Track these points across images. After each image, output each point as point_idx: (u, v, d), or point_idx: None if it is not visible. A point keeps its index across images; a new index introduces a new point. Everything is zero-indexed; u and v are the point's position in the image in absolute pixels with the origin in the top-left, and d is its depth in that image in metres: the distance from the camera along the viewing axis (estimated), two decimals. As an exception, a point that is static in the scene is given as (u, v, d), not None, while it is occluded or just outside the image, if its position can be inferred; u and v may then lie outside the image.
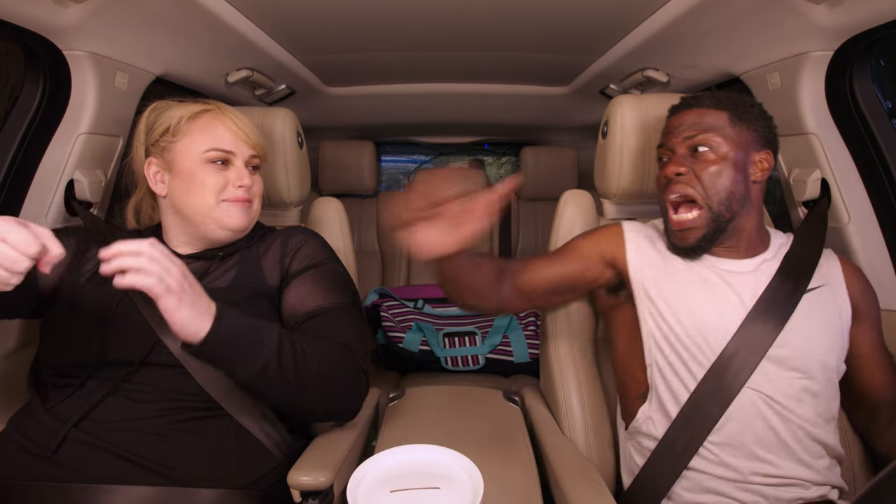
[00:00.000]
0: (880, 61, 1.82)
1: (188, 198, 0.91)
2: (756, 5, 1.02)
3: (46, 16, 0.95)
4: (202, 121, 0.93)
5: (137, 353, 0.82)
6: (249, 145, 0.95)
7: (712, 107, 0.92)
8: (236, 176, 0.93)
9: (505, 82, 1.87)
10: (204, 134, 0.92)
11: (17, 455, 0.78)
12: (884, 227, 1.06)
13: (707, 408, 0.85)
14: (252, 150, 0.96)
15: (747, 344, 0.85)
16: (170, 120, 0.92)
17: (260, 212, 1.00)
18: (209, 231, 0.93)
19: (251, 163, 0.97)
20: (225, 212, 0.92)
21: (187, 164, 0.91)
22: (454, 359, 1.76)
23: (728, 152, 0.89)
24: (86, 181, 1.10)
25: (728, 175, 0.88)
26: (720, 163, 0.88)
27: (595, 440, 1.04)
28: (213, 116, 0.94)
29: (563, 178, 2.38)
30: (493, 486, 0.83)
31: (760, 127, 0.92)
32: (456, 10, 1.19)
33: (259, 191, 0.99)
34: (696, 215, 0.89)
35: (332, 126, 2.41)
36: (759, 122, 0.92)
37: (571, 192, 1.19)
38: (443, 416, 1.12)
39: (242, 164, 0.94)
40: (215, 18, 1.10)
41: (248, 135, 0.95)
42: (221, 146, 0.92)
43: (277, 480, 0.85)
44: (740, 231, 0.92)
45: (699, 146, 0.90)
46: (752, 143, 0.91)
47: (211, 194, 0.91)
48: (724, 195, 0.88)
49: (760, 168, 0.91)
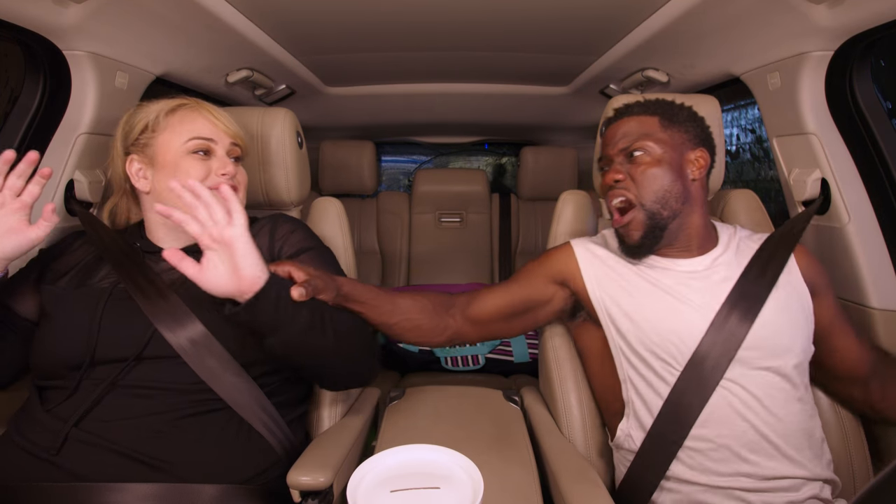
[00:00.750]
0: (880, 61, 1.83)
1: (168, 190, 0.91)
2: (756, 5, 1.02)
3: (46, 16, 0.95)
4: (180, 114, 0.93)
5: (133, 348, 0.82)
6: (229, 135, 0.95)
7: (642, 113, 0.96)
8: (219, 164, 0.93)
9: (505, 82, 1.87)
10: (183, 125, 0.92)
11: (19, 457, 0.78)
12: (884, 227, 1.06)
13: (683, 413, 0.85)
14: (232, 139, 0.96)
15: (718, 343, 0.85)
16: (147, 117, 0.93)
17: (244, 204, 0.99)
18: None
19: (233, 152, 0.96)
20: None
21: (170, 155, 0.91)
22: (454, 359, 1.76)
23: (662, 154, 0.92)
24: (85, 181, 1.10)
25: (663, 175, 0.91)
26: (655, 165, 0.91)
27: (593, 441, 1.04)
28: (190, 109, 0.94)
29: (563, 178, 2.38)
30: (493, 486, 0.83)
31: (692, 127, 0.95)
32: (456, 10, 1.19)
33: (243, 181, 0.98)
34: (631, 215, 0.92)
35: (332, 126, 2.41)
36: (689, 123, 0.95)
37: (570, 193, 1.19)
38: (443, 416, 1.12)
39: (224, 152, 0.94)
40: (215, 18, 1.10)
41: (226, 125, 0.95)
42: (202, 134, 0.92)
43: (278, 476, 0.85)
44: (687, 229, 0.94)
45: (634, 151, 0.93)
46: (686, 144, 0.94)
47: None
48: (659, 194, 0.91)
49: (697, 166, 0.94)
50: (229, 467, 0.81)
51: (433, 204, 2.44)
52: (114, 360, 0.81)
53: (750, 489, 0.82)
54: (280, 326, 0.75)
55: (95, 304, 0.85)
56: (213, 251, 0.72)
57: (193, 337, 0.82)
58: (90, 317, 0.83)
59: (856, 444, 0.99)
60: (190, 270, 0.71)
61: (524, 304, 1.01)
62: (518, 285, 1.02)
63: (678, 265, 0.94)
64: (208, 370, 0.81)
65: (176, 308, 0.84)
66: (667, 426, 0.86)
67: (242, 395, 0.83)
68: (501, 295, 1.01)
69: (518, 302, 1.00)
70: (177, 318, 0.83)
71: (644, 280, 0.93)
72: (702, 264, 0.93)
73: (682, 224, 0.93)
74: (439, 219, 2.43)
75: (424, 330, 0.97)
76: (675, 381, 0.86)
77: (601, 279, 0.97)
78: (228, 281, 0.71)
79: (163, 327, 0.82)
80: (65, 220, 1.10)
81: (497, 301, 1.00)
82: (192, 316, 0.83)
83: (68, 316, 0.85)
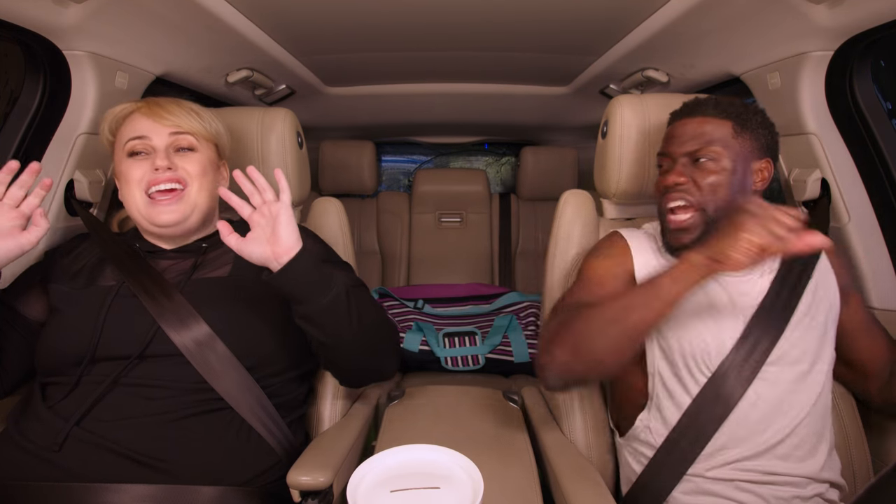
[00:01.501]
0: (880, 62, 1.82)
1: (125, 198, 0.91)
2: (756, 5, 1.02)
3: (46, 16, 0.94)
4: (127, 121, 0.92)
5: (135, 345, 0.82)
6: (168, 125, 0.90)
7: (716, 115, 0.90)
8: (150, 162, 0.89)
9: (505, 82, 1.87)
10: (126, 130, 0.92)
11: (18, 455, 0.78)
12: (884, 227, 1.06)
13: (708, 414, 0.85)
14: (172, 128, 0.91)
15: (748, 350, 0.86)
16: (108, 120, 0.93)
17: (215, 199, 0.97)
18: (147, 229, 0.93)
19: (177, 143, 0.92)
20: (153, 209, 0.89)
21: (120, 166, 0.91)
22: (454, 359, 1.76)
23: (729, 164, 0.88)
24: (85, 181, 1.10)
25: (727, 186, 0.88)
26: (721, 174, 0.88)
27: (595, 440, 1.04)
28: (139, 113, 0.92)
29: (563, 178, 2.38)
30: (493, 486, 0.83)
31: (763, 135, 0.91)
32: (456, 10, 1.19)
33: (196, 170, 0.92)
34: (691, 216, 0.89)
35: (332, 126, 2.41)
36: (761, 130, 0.91)
37: (571, 193, 1.19)
38: (443, 416, 1.12)
39: (163, 147, 0.90)
40: (215, 18, 1.10)
41: (165, 116, 0.90)
42: (134, 134, 0.90)
43: (279, 478, 0.85)
44: None
45: (700, 157, 0.89)
46: (754, 153, 0.90)
47: (136, 187, 0.89)
48: (721, 203, 0.88)
49: (761, 177, 0.91)
50: (229, 469, 0.80)
51: (433, 204, 2.44)
52: (116, 357, 0.81)
53: (758, 482, 0.83)
54: (309, 296, 0.79)
55: (101, 301, 0.85)
56: (259, 226, 0.78)
57: (198, 337, 0.82)
58: (95, 314, 0.84)
59: (856, 445, 0.99)
60: (233, 242, 0.77)
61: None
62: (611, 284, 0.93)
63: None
64: (211, 369, 0.82)
65: (180, 308, 0.84)
66: (692, 425, 0.86)
67: (243, 394, 0.83)
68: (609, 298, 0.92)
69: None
70: (181, 318, 0.83)
71: None
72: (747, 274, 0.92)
73: None
74: (439, 219, 2.43)
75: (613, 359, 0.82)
76: (706, 381, 0.86)
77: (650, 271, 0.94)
78: (266, 247, 0.77)
79: (167, 327, 0.82)
80: (65, 220, 1.10)
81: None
82: (196, 316, 0.84)
83: (74, 314, 0.85)
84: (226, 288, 0.90)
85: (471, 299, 1.99)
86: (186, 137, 0.93)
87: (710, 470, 0.85)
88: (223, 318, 0.85)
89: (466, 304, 1.97)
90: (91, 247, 0.97)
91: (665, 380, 0.91)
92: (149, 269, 0.89)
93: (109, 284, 0.89)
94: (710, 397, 0.85)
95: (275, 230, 0.77)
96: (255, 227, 0.78)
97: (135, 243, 0.95)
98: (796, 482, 0.83)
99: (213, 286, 0.90)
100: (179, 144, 0.92)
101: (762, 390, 0.85)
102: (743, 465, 0.84)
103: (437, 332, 1.81)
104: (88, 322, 0.83)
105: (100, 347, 0.81)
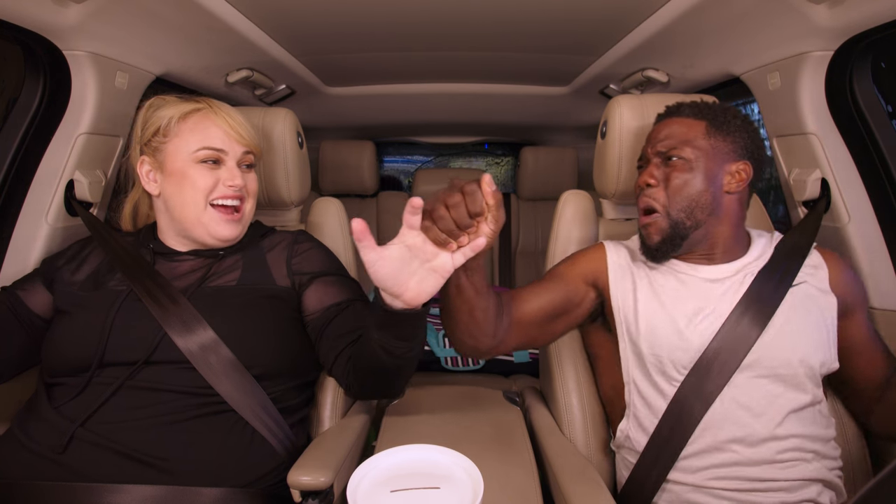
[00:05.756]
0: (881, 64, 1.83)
1: (179, 198, 0.91)
2: (756, 5, 1.02)
3: (46, 16, 0.94)
4: (193, 120, 0.92)
5: (141, 351, 0.82)
6: (242, 143, 0.94)
7: (691, 116, 0.93)
8: (228, 175, 0.92)
9: (505, 82, 1.87)
10: (194, 134, 0.91)
11: (23, 455, 0.78)
12: (884, 227, 1.06)
13: (686, 418, 0.85)
14: (245, 147, 0.94)
15: (726, 348, 0.85)
16: (160, 120, 0.92)
17: (254, 211, 1.00)
18: (199, 236, 0.93)
19: (244, 161, 0.95)
20: (214, 219, 0.91)
21: (178, 164, 0.90)
22: (454, 359, 1.76)
23: (697, 163, 0.89)
24: (86, 181, 1.10)
25: (694, 185, 0.89)
26: (688, 172, 0.89)
27: (595, 440, 1.04)
28: (203, 116, 0.93)
29: (563, 178, 2.38)
30: (493, 486, 0.83)
31: (740, 138, 0.92)
32: (456, 10, 1.19)
33: (253, 189, 0.97)
34: (654, 219, 0.91)
35: (332, 126, 2.41)
36: (738, 133, 0.92)
37: (571, 193, 1.19)
38: (443, 416, 1.12)
39: (234, 163, 0.93)
40: (215, 18, 1.10)
41: (240, 133, 0.93)
42: (212, 145, 0.91)
43: (282, 479, 0.85)
44: (710, 239, 0.92)
45: (671, 157, 0.91)
46: (729, 154, 0.91)
47: (201, 194, 0.90)
48: (684, 203, 0.89)
49: (737, 179, 0.91)
50: (231, 470, 0.81)
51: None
52: (123, 362, 0.82)
53: (740, 489, 0.82)
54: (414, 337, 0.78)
55: (109, 306, 0.85)
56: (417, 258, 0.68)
57: (203, 342, 0.83)
58: (103, 319, 0.84)
59: (855, 445, 0.99)
60: (368, 254, 0.65)
61: (563, 304, 0.96)
62: (555, 284, 0.96)
63: (698, 271, 0.93)
64: (212, 371, 0.82)
65: (185, 313, 0.84)
66: (669, 430, 0.86)
67: (245, 396, 0.83)
68: (541, 294, 0.95)
69: (558, 302, 0.95)
70: (186, 323, 0.83)
71: (661, 285, 0.93)
72: (725, 272, 0.92)
73: (707, 234, 0.91)
74: (439, 219, 2.43)
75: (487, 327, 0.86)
76: (680, 385, 0.86)
77: (624, 281, 0.96)
78: (402, 284, 0.69)
79: (173, 332, 0.82)
80: (65, 220, 1.10)
81: (541, 302, 0.94)
82: (202, 321, 0.84)
83: (83, 317, 0.85)
84: (233, 297, 0.90)
85: (471, 299, 1.99)
86: (251, 155, 0.96)
87: (688, 476, 0.85)
88: (229, 326, 0.86)
89: (466, 304, 1.96)
90: (97, 250, 0.97)
91: (640, 387, 0.91)
92: (153, 273, 0.89)
93: (119, 289, 0.89)
94: (686, 399, 0.85)
95: (423, 275, 0.69)
96: (399, 251, 0.67)
97: (148, 243, 0.95)
98: (784, 486, 0.82)
99: (220, 295, 0.90)
100: (247, 161, 0.96)
101: (735, 396, 0.84)
102: (722, 473, 0.83)
103: (437, 332, 1.81)
104: (96, 326, 0.83)
105: (107, 353, 0.82)
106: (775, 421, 0.83)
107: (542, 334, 0.97)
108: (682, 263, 0.94)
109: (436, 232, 0.66)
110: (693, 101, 0.97)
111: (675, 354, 0.87)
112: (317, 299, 0.95)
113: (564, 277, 0.98)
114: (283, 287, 0.94)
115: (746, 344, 0.84)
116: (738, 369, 0.84)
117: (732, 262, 0.93)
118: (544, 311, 0.94)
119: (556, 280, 0.98)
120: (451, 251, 0.67)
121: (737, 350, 0.84)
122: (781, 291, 0.88)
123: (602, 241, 1.04)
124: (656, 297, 0.92)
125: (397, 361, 0.81)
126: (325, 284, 0.96)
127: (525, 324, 0.93)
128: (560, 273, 0.99)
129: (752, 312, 0.86)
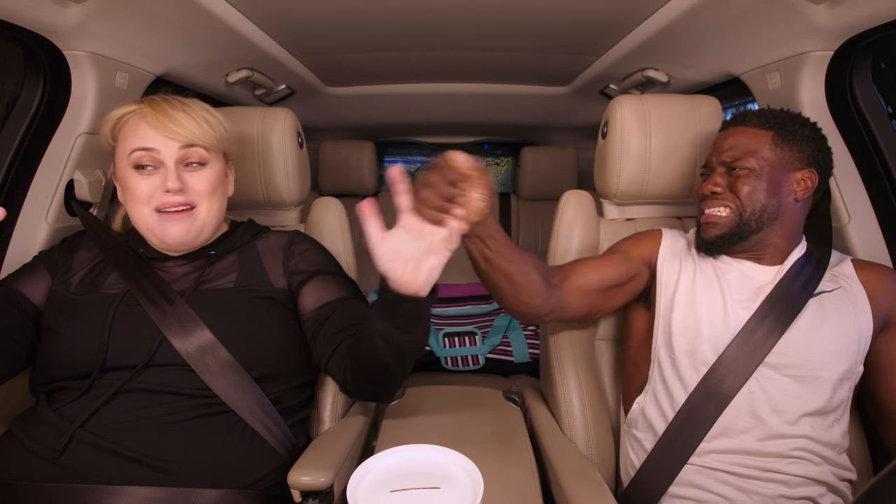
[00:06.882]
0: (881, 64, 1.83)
1: (129, 208, 0.87)
2: (756, 5, 1.02)
3: (46, 16, 0.94)
4: (131, 122, 0.86)
5: (141, 354, 0.82)
6: (177, 139, 0.84)
7: (757, 126, 0.94)
8: (161, 180, 0.83)
9: (505, 82, 1.87)
10: (128, 137, 0.85)
11: (22, 456, 0.78)
12: (884, 227, 1.06)
13: (704, 409, 0.87)
14: (182, 142, 0.84)
15: (748, 347, 0.86)
16: (109, 123, 0.88)
17: (223, 212, 0.94)
18: (156, 245, 0.90)
19: (187, 158, 0.86)
20: (161, 225, 0.85)
21: (120, 171, 0.86)
22: (454, 359, 1.76)
23: (762, 172, 0.91)
24: (85, 181, 1.09)
25: (761, 193, 0.90)
26: (754, 181, 0.91)
27: (595, 440, 1.04)
28: (139, 115, 0.85)
29: (563, 178, 2.38)
30: (493, 486, 0.83)
31: (807, 147, 0.92)
32: (456, 10, 1.19)
33: (205, 190, 0.87)
34: (725, 213, 0.92)
35: (332, 126, 2.41)
36: (805, 142, 0.92)
37: (572, 193, 1.19)
38: (443, 416, 1.12)
39: (172, 163, 0.84)
40: (215, 18, 1.10)
41: (174, 129, 0.83)
42: (142, 144, 0.83)
43: (282, 480, 0.85)
44: (765, 243, 0.94)
45: (735, 167, 0.92)
46: (794, 163, 0.92)
47: (143, 204, 0.85)
48: (756, 207, 0.91)
49: (803, 187, 0.92)
50: (231, 471, 0.81)
51: (433, 204, 2.44)
52: (123, 367, 0.81)
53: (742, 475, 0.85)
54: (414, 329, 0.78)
55: (106, 310, 0.84)
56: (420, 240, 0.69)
57: (201, 343, 0.82)
58: (101, 324, 0.83)
59: (856, 445, 0.99)
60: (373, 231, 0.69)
61: (623, 276, 1.00)
62: (617, 258, 1.01)
63: (745, 267, 0.95)
64: (212, 375, 0.82)
65: (182, 314, 0.84)
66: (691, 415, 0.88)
67: (244, 397, 0.83)
68: (602, 265, 0.99)
69: (616, 274, 0.99)
70: (183, 324, 0.83)
71: (705, 274, 0.95)
72: (768, 274, 0.94)
73: (764, 238, 0.93)
74: (439, 219, 2.43)
75: (534, 290, 0.88)
76: (703, 375, 0.88)
77: (672, 265, 0.98)
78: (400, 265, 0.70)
79: (170, 334, 0.82)
80: (65, 220, 1.09)
81: (601, 271, 0.98)
82: (199, 322, 0.83)
83: (79, 323, 0.84)
84: (231, 298, 0.90)
85: (471, 299, 2.00)
86: (197, 151, 0.86)
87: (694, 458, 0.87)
88: (228, 328, 0.85)
89: (466, 304, 1.97)
90: (91, 248, 0.95)
91: (663, 368, 0.93)
92: (150, 274, 0.88)
93: (114, 292, 0.88)
94: (706, 391, 0.87)
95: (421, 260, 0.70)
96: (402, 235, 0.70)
97: (138, 248, 0.93)
98: (785, 480, 0.83)
99: (218, 297, 0.89)
100: (189, 159, 0.86)
101: (760, 389, 0.86)
102: (727, 458, 0.85)
103: (437, 332, 1.81)
104: (94, 332, 0.82)
105: (108, 358, 0.81)
106: (790, 420, 0.84)
107: (602, 303, 1.00)
108: (731, 259, 0.97)
109: (427, 211, 0.68)
110: (761, 110, 0.98)
111: (704, 343, 0.89)
112: (314, 297, 0.94)
113: (626, 253, 1.02)
114: (279, 289, 0.94)
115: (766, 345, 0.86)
116: (765, 365, 0.86)
117: (778, 266, 0.94)
118: (606, 281, 0.99)
119: (619, 255, 1.02)
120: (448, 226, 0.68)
121: (756, 349, 0.86)
122: (804, 298, 0.89)
123: (661, 228, 1.07)
124: (698, 284, 0.94)
125: (395, 354, 0.81)
126: (322, 283, 0.96)
127: (588, 291, 0.97)
128: (622, 249, 1.04)
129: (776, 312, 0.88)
